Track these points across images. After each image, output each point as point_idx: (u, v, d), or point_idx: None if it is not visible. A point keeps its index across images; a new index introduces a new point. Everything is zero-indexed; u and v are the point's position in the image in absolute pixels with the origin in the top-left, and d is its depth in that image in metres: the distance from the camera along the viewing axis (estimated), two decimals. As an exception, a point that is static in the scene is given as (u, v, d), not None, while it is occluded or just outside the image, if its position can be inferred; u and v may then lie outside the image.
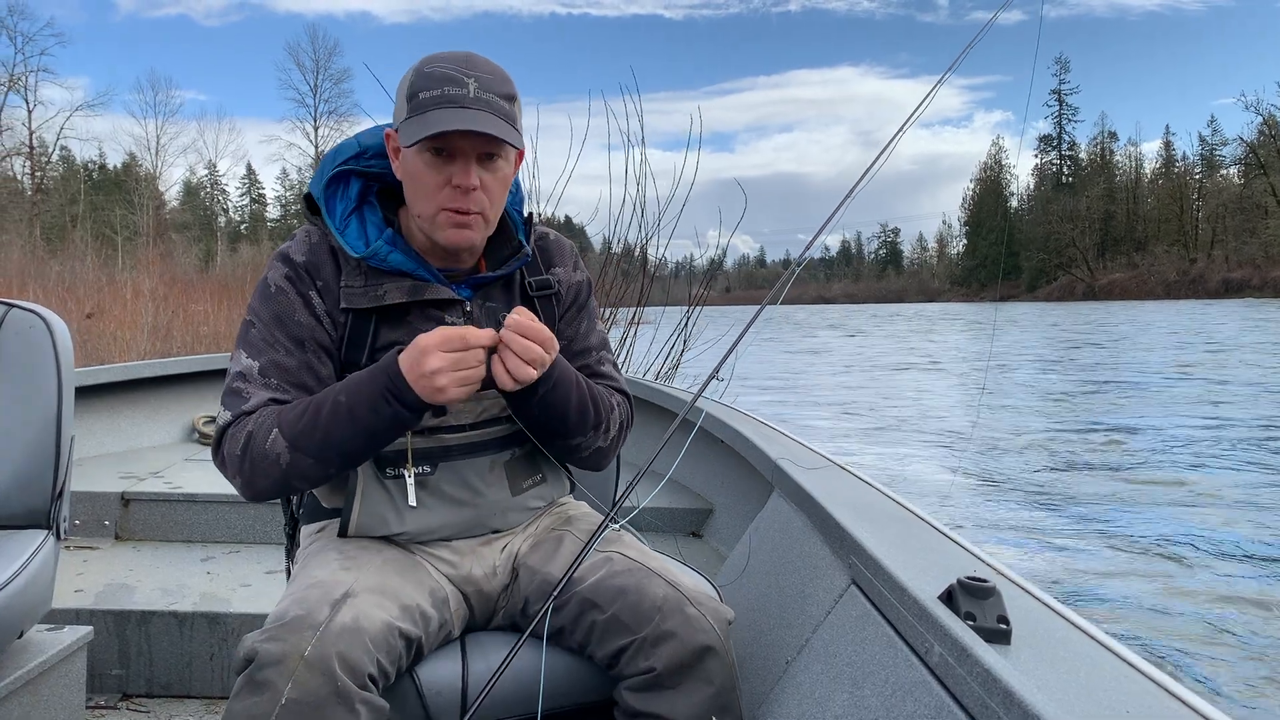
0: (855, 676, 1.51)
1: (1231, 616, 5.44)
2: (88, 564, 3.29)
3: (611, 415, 1.77)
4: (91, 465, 4.29)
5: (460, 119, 1.51)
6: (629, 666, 1.59)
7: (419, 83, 1.56)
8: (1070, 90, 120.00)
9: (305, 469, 1.53)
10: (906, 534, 1.85)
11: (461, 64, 1.56)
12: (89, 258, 18.26)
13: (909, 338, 31.23)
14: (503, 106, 1.57)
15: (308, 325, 1.63)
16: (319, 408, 1.51)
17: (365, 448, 1.55)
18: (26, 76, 52.16)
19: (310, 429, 1.50)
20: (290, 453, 1.51)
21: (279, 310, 1.63)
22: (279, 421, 1.52)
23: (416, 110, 1.54)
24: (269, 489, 1.57)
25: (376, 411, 1.48)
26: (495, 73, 1.59)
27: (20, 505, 2.06)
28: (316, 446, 1.50)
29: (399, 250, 1.66)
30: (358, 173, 1.73)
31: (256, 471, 1.54)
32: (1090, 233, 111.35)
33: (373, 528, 1.69)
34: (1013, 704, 1.06)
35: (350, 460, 1.57)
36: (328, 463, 1.53)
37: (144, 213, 48.86)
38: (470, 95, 1.53)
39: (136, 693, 2.79)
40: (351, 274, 1.66)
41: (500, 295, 1.77)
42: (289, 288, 1.64)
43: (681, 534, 3.69)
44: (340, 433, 1.50)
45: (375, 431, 1.50)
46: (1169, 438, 12.04)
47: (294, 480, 1.55)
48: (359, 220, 1.69)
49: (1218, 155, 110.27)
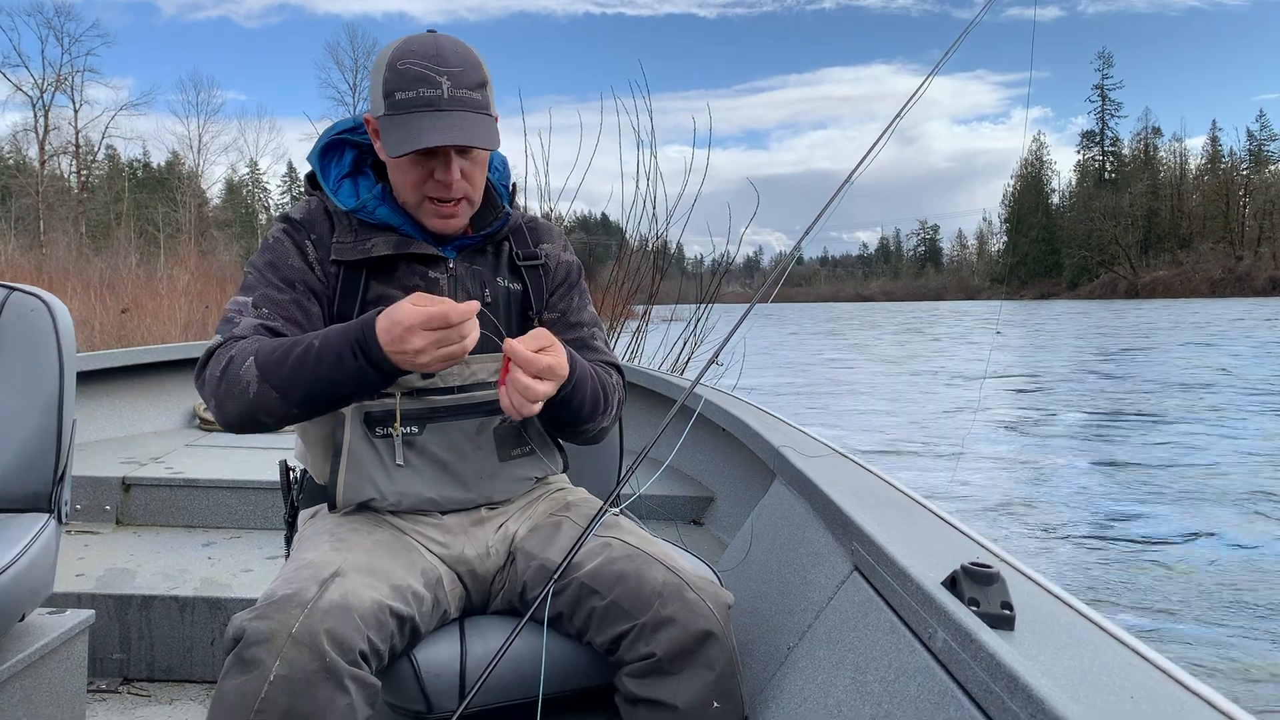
0: (858, 662, 1.49)
1: (1236, 602, 5.45)
2: (89, 548, 3.29)
3: (613, 396, 1.80)
4: (93, 450, 4.30)
5: (438, 128, 1.57)
6: (629, 652, 1.57)
7: (393, 81, 1.60)
8: (1114, 85, 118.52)
9: (269, 404, 1.52)
10: (909, 520, 1.83)
11: (433, 59, 1.59)
12: (131, 255, 18.55)
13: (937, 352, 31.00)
14: (476, 100, 1.61)
15: (299, 269, 1.69)
16: (293, 345, 1.52)
17: (327, 396, 1.53)
18: (73, 76, 53.10)
19: (280, 363, 1.51)
20: (259, 383, 1.51)
21: (274, 257, 1.70)
22: (257, 350, 1.54)
23: (394, 110, 1.60)
24: (236, 417, 1.56)
25: (341, 361, 1.48)
26: (466, 62, 1.62)
27: (21, 488, 2.06)
28: (281, 382, 1.51)
29: (387, 205, 1.73)
30: (352, 143, 1.80)
31: (228, 395, 1.54)
32: (1133, 230, 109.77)
33: (360, 489, 1.70)
34: (1017, 689, 1.05)
35: (312, 405, 1.55)
36: (289, 400, 1.52)
37: (186, 210, 49.68)
38: (445, 96, 1.58)
39: (137, 677, 2.81)
40: (344, 231, 1.73)
41: (488, 262, 1.82)
42: (285, 238, 1.72)
43: (683, 521, 3.68)
44: (304, 374, 1.50)
45: (336, 380, 1.49)
46: (1187, 432, 11.98)
47: (259, 413, 1.54)
48: (352, 183, 1.77)
49: (1266, 150, 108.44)
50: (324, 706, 1.35)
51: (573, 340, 1.80)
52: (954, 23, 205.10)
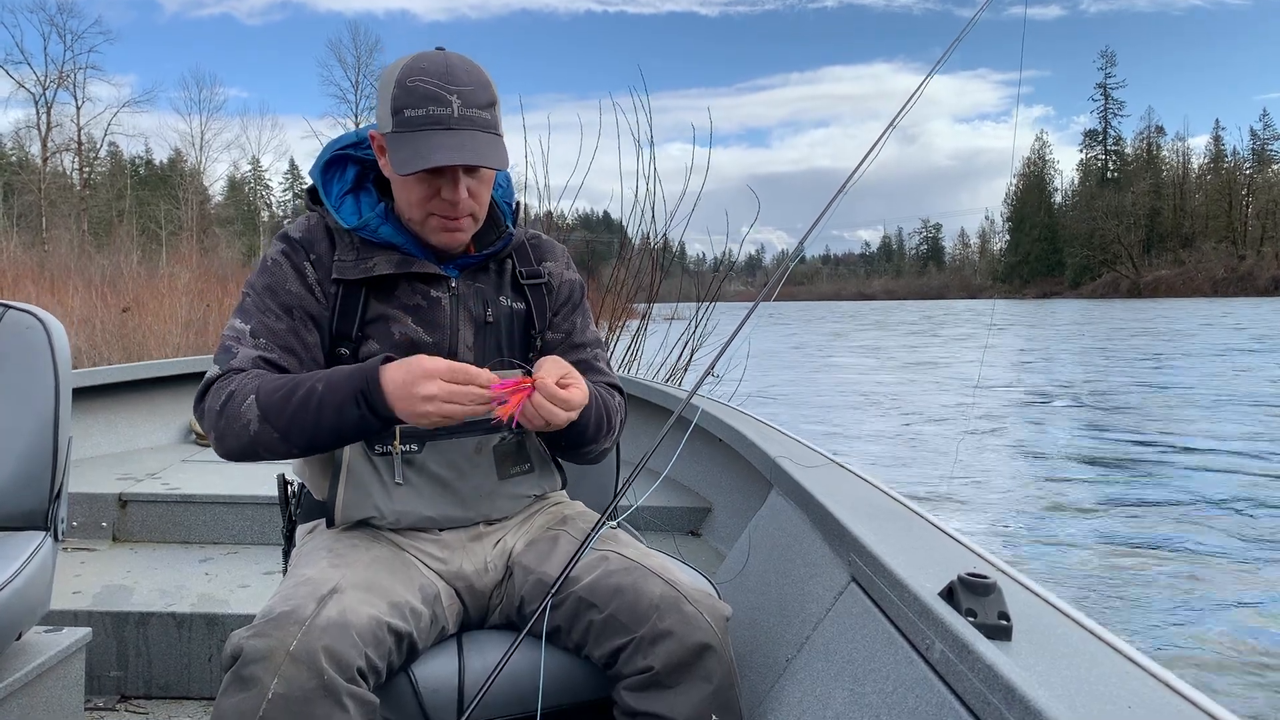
0: (856, 674, 1.49)
1: (1234, 613, 5.44)
2: (85, 565, 3.28)
3: (615, 418, 1.81)
4: (89, 467, 4.28)
5: (448, 148, 1.55)
6: (627, 666, 1.57)
7: (402, 98, 1.58)
8: (1117, 84, 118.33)
9: (270, 442, 1.53)
10: (906, 531, 1.82)
11: (443, 77, 1.58)
12: (134, 253, 18.53)
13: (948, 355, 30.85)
14: (485, 119, 1.60)
15: (297, 294, 1.68)
16: (296, 388, 1.52)
17: (328, 440, 1.54)
18: (75, 73, 53.07)
19: (281, 407, 1.51)
20: (259, 423, 1.52)
21: (271, 281, 1.69)
22: (259, 389, 1.54)
23: (402, 127, 1.58)
24: (238, 451, 1.57)
25: (342, 412, 1.49)
26: (476, 81, 1.61)
27: (18, 506, 2.05)
28: (284, 425, 1.51)
29: (389, 224, 1.72)
30: (355, 159, 1.78)
31: (228, 431, 1.55)
32: (1136, 229, 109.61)
33: (359, 507, 1.70)
34: (1014, 700, 1.05)
35: (313, 447, 1.56)
36: (291, 443, 1.53)
37: (188, 208, 49.66)
38: (454, 115, 1.57)
39: (135, 694, 2.78)
40: (345, 249, 1.71)
41: (490, 280, 1.81)
42: (284, 261, 1.70)
43: (680, 533, 3.67)
44: (306, 419, 1.51)
45: (339, 429, 1.51)
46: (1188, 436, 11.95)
47: (260, 449, 1.55)
48: (354, 199, 1.75)
49: (1269, 150, 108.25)
50: None
51: (576, 362, 1.81)
52: (956, 21, 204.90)
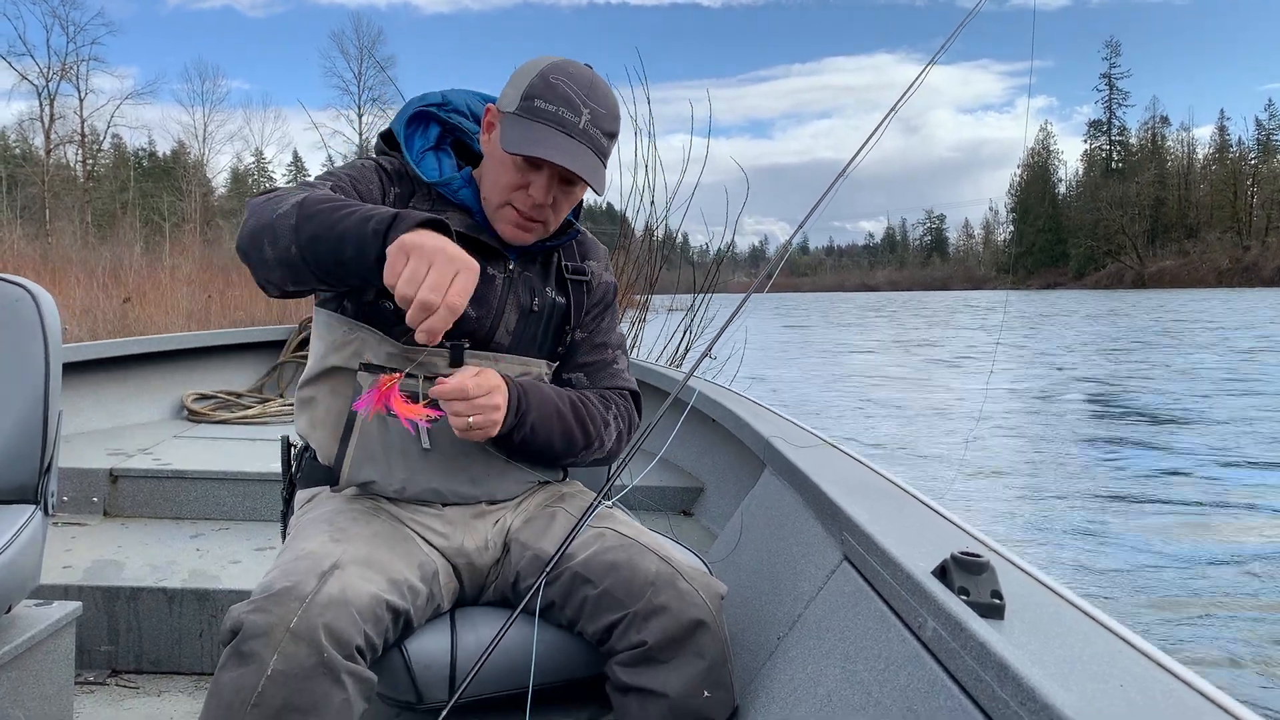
0: (847, 651, 1.49)
1: (1226, 590, 5.47)
2: (76, 540, 3.27)
3: (605, 430, 1.79)
4: (80, 442, 4.25)
5: (563, 150, 1.57)
6: (620, 641, 1.57)
7: (539, 88, 1.60)
8: (1121, 74, 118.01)
9: (283, 227, 1.44)
10: (899, 510, 1.82)
11: (584, 89, 1.61)
12: (136, 244, 18.55)
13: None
14: (603, 145, 1.64)
15: (374, 197, 1.69)
16: (347, 200, 1.48)
17: (328, 242, 1.42)
18: (78, 65, 52.92)
19: (325, 199, 1.46)
20: (294, 207, 1.44)
21: (357, 174, 1.69)
22: (312, 186, 1.55)
23: (527, 114, 1.59)
24: (250, 231, 1.49)
25: (367, 219, 1.39)
26: (610, 108, 1.65)
27: (7, 480, 2.04)
28: (312, 210, 1.43)
29: (470, 189, 1.73)
30: (438, 119, 1.80)
31: (264, 206, 1.50)
32: (1140, 219, 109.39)
33: (367, 469, 1.68)
34: (1007, 677, 1.04)
35: (311, 244, 1.43)
36: (300, 232, 1.43)
37: (191, 199, 49.67)
38: (580, 127, 1.59)
39: (125, 669, 2.78)
40: (420, 199, 1.73)
41: (537, 271, 1.81)
42: (375, 170, 1.72)
43: (673, 512, 3.67)
44: (332, 214, 1.42)
45: (346, 233, 1.40)
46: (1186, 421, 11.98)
47: (266, 235, 1.46)
48: (434, 157, 1.77)
49: (1274, 140, 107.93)
50: (320, 701, 1.34)
51: (595, 361, 1.82)
52: (958, 11, 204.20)
